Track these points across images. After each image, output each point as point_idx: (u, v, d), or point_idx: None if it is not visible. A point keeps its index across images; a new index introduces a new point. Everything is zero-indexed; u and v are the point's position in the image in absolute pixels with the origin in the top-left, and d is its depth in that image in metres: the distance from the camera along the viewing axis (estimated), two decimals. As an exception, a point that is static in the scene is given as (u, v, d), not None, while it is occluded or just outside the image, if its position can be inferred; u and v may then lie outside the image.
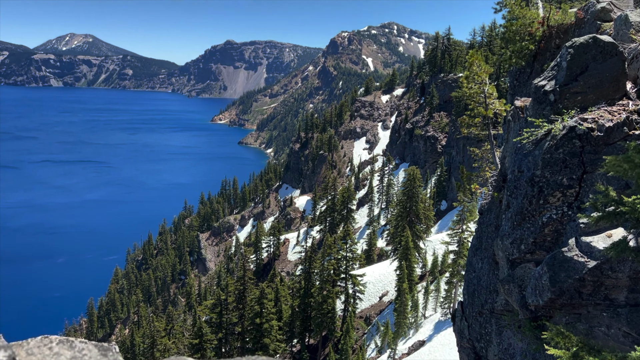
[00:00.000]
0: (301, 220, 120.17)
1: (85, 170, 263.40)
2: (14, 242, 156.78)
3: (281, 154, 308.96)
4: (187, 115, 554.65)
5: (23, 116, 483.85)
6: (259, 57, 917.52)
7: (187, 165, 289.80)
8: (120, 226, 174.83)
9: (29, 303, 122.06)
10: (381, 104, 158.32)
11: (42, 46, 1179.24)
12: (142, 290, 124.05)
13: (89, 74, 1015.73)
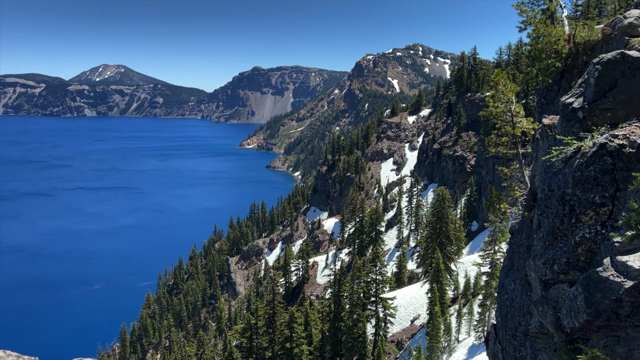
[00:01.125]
0: (329, 243, 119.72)
1: (118, 196, 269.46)
2: (51, 268, 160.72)
3: (308, 177, 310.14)
4: (216, 141, 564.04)
5: (58, 145, 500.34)
6: (286, 82, 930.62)
7: (216, 190, 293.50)
8: (152, 251, 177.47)
9: (65, 328, 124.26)
10: (408, 125, 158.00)
11: (77, 77, 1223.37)
12: (173, 315, 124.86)
13: (121, 103, 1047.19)
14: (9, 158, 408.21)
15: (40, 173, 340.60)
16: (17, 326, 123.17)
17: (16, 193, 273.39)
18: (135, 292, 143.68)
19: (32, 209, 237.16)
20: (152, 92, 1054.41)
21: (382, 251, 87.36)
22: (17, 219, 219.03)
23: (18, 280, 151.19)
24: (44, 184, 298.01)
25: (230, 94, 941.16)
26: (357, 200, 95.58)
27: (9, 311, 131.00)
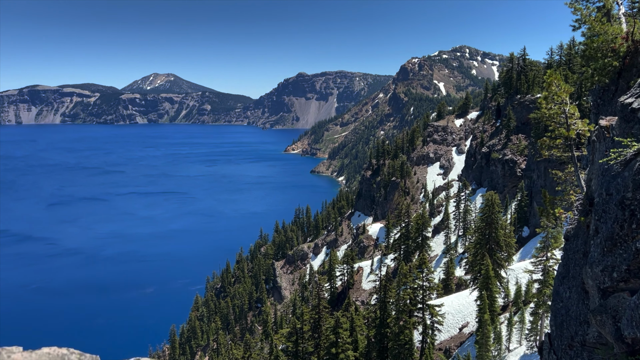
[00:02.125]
0: (374, 248, 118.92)
1: (168, 201, 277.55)
2: (106, 270, 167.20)
3: (353, 182, 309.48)
4: (262, 147, 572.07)
5: (112, 152, 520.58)
6: (330, 87, 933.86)
7: (262, 195, 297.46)
8: (200, 255, 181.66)
9: (117, 329, 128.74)
10: (455, 128, 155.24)
11: (129, 87, 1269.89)
12: (221, 318, 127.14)
13: (171, 111, 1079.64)
14: (66, 164, 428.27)
15: (95, 179, 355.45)
16: (75, 326, 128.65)
17: (73, 198, 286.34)
18: (184, 295, 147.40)
19: (87, 213, 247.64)
20: (200, 100, 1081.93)
21: (428, 257, 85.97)
22: (73, 223, 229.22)
23: (76, 281, 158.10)
24: (99, 189, 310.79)
25: (276, 100, 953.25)
26: (402, 205, 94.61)
27: (68, 312, 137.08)
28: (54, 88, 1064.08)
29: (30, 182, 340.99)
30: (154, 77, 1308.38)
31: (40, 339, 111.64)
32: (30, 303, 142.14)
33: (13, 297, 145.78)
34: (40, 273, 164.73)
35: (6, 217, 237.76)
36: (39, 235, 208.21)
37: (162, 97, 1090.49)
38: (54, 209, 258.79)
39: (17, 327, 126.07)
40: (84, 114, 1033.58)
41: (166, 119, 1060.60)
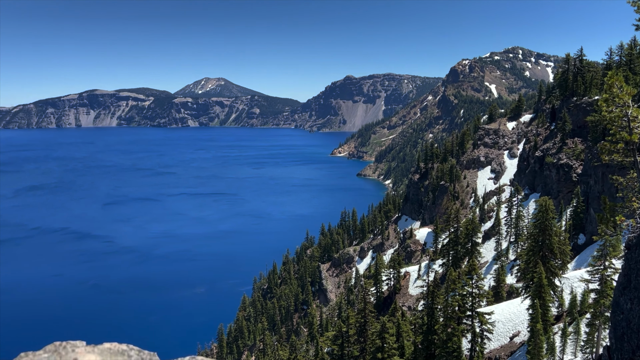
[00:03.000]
0: (422, 253, 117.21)
1: (217, 202, 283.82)
2: (158, 269, 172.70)
3: (400, 185, 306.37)
4: (309, 149, 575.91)
5: (164, 154, 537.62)
6: (377, 90, 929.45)
7: (308, 197, 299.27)
8: (248, 255, 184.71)
9: (169, 327, 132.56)
10: (507, 131, 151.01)
11: (182, 91, 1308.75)
12: (267, 319, 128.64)
13: (221, 114, 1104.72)
14: (122, 166, 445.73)
15: (148, 180, 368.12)
16: (129, 322, 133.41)
17: (127, 198, 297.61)
18: (232, 295, 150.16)
19: (140, 213, 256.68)
20: (250, 103, 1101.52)
21: (478, 263, 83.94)
22: (128, 222, 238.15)
23: (130, 279, 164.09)
24: (151, 190, 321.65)
25: (323, 103, 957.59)
26: (451, 210, 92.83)
27: (123, 308, 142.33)
28: (111, 92, 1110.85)
29: (88, 182, 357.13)
30: (205, 81, 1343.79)
31: (97, 334, 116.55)
32: (88, 299, 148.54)
33: (73, 292, 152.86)
34: (97, 270, 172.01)
35: (66, 216, 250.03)
36: (96, 233, 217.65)
37: (213, 101, 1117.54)
38: (109, 209, 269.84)
39: (76, 321, 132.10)
40: (139, 117, 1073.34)
41: (216, 122, 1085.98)
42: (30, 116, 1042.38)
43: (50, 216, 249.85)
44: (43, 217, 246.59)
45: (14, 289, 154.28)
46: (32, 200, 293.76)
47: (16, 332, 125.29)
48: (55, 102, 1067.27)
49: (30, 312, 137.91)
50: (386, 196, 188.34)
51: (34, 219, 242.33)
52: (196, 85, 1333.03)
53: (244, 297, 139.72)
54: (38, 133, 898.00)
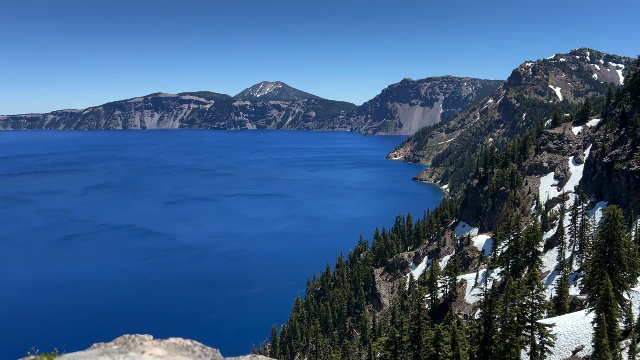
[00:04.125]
0: (480, 261, 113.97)
1: (272, 203, 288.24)
2: (215, 267, 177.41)
3: (457, 190, 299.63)
4: (364, 153, 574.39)
5: (223, 156, 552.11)
6: (435, 93, 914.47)
7: (362, 200, 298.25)
8: (302, 257, 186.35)
9: (224, 324, 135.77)
10: (572, 136, 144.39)
11: (241, 94, 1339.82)
12: (320, 321, 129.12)
13: (278, 117, 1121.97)
14: (183, 166, 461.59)
15: (207, 180, 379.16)
16: (188, 319, 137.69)
17: (187, 197, 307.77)
18: (286, 295, 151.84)
19: (200, 212, 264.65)
20: (306, 107, 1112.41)
21: (539, 273, 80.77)
22: (187, 221, 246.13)
23: (189, 276, 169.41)
24: (210, 190, 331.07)
25: (379, 107, 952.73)
26: (511, 217, 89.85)
27: (182, 305, 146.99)
28: (174, 95, 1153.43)
29: (151, 182, 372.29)
30: (264, 85, 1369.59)
31: (157, 329, 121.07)
32: (150, 294, 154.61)
33: (136, 288, 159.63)
34: (158, 266, 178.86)
35: (130, 214, 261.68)
36: (157, 231, 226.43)
37: (271, 104, 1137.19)
38: (170, 207, 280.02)
39: (138, 316, 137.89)
40: (200, 119, 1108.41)
41: (273, 125, 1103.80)
42: (99, 118, 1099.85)
43: (116, 213, 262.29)
44: (109, 214, 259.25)
45: (83, 282, 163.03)
46: (99, 198, 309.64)
47: (84, 323, 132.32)
48: (122, 105, 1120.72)
49: (96, 305, 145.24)
50: (443, 201, 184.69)
51: (101, 216, 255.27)
52: (255, 89, 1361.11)
53: (297, 298, 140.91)
54: (106, 134, 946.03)
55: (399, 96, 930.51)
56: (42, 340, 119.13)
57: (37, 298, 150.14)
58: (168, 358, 5.06)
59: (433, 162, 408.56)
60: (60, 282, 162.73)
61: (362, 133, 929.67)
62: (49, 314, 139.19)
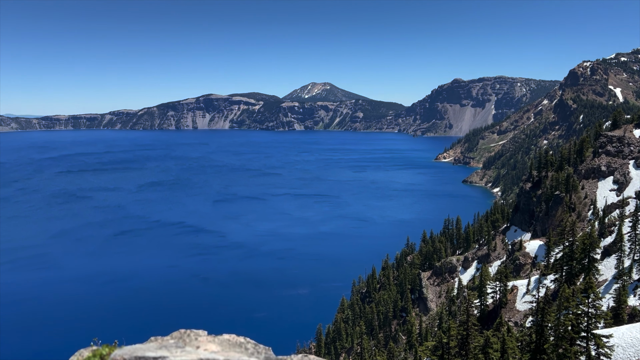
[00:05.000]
0: (532, 267, 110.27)
1: (318, 204, 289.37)
2: (263, 266, 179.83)
3: (509, 194, 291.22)
4: (412, 154, 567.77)
5: (271, 156, 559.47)
6: (487, 94, 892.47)
7: (410, 202, 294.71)
8: (347, 258, 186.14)
9: (270, 323, 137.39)
10: (633, 139, 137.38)
11: (289, 95, 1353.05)
12: (365, 323, 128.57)
13: (325, 118, 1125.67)
14: (232, 166, 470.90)
15: (255, 180, 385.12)
16: (236, 316, 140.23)
17: (236, 196, 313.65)
18: (331, 296, 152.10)
19: (248, 211, 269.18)
20: (353, 107, 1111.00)
21: (596, 281, 77.35)
22: (236, 220, 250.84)
23: (237, 274, 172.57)
24: (258, 190, 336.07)
25: (428, 107, 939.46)
26: (566, 222, 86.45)
27: (230, 302, 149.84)
28: (225, 97, 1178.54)
29: (202, 180, 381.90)
30: (312, 86, 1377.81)
31: (206, 325, 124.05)
32: (199, 291, 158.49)
33: (186, 284, 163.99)
34: (207, 263, 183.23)
35: (182, 211, 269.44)
36: (207, 228, 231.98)
37: (318, 105, 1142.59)
38: (219, 206, 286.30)
39: (187, 311, 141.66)
40: (249, 120, 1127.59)
41: (321, 126, 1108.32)
42: (154, 118, 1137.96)
43: (168, 210, 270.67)
44: (162, 211, 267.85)
45: (136, 276, 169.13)
46: (152, 195, 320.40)
47: (136, 316, 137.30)
48: (175, 106, 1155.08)
49: (148, 299, 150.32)
50: (494, 205, 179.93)
51: (154, 213, 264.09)
52: (303, 90, 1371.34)
53: (342, 299, 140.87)
54: (159, 134, 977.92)
55: (449, 97, 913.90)
56: (97, 330, 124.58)
57: (94, 290, 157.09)
58: (222, 354, 5.18)
59: (484, 164, 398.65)
60: (115, 275, 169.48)
61: (410, 134, 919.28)
62: (105, 305, 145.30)
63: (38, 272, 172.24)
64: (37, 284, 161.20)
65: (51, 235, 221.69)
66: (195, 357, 4.59)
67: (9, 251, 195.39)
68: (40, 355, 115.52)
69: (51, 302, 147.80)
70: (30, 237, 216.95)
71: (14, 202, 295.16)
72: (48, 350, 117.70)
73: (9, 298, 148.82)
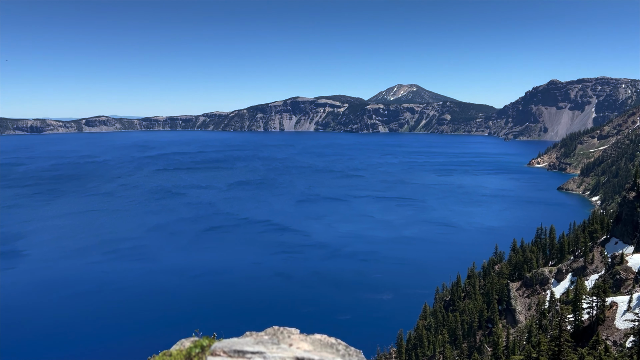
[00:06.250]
0: (634, 283, 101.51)
1: (401, 207, 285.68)
2: (345, 267, 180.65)
3: (610, 203, 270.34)
4: (503, 158, 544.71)
5: (354, 158, 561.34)
6: (587, 96, 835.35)
7: (499, 209, 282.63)
8: (431, 264, 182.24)
9: (351, 326, 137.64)
10: None
11: (374, 97, 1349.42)
12: (448, 331, 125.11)
13: (411, 120, 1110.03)
14: (316, 167, 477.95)
15: (338, 181, 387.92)
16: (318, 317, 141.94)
17: (319, 197, 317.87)
18: (412, 301, 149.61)
19: (330, 212, 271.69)
20: (441, 110, 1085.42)
21: None
22: (319, 220, 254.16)
23: (320, 274, 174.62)
24: (341, 191, 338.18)
25: (521, 110, 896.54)
26: (677, 236, 78.74)
27: (312, 303, 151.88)
28: (311, 99, 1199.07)
29: (287, 181, 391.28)
30: (398, 87, 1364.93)
31: (289, 323, 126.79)
32: (282, 289, 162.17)
33: (271, 281, 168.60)
34: (291, 261, 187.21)
35: (268, 210, 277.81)
36: (291, 227, 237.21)
37: (404, 107, 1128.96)
38: (302, 205, 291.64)
39: (273, 308, 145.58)
40: (334, 122, 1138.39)
41: (406, 129, 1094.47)
42: (243, 120, 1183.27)
43: (255, 209, 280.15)
44: (249, 209, 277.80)
45: (224, 271, 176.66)
46: (240, 193, 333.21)
47: (223, 309, 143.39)
48: (263, 108, 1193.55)
49: (234, 294, 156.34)
50: (592, 214, 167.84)
51: (242, 210, 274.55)
52: (388, 92, 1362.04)
53: (425, 305, 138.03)
54: (248, 135, 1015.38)
55: (545, 99, 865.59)
56: (188, 321, 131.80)
57: (186, 283, 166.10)
58: (315, 353, 5.34)
59: (582, 170, 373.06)
60: (204, 269, 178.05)
61: (501, 137, 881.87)
62: (195, 298, 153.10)
63: (137, 263, 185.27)
64: (136, 274, 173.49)
65: (148, 228, 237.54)
66: (291, 355, 4.78)
67: (112, 242, 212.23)
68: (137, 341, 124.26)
69: (148, 291, 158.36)
70: (130, 230, 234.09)
71: (117, 197, 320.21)
72: (144, 337, 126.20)
73: (113, 286, 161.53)
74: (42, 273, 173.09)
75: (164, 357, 5.62)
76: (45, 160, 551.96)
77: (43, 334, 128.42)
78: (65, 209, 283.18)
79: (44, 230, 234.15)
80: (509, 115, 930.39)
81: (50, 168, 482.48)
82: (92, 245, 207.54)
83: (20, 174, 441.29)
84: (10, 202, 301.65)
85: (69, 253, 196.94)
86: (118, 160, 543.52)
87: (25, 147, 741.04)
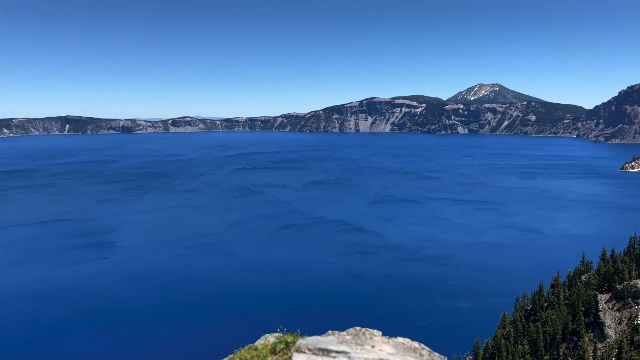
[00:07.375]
0: None
1: (480, 211, 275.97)
2: (420, 271, 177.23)
3: None
4: (593, 162, 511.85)
5: (431, 160, 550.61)
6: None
7: (588, 216, 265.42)
8: (511, 271, 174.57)
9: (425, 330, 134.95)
10: None
11: (453, 97, 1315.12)
12: (528, 342, 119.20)
13: (492, 121, 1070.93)
14: (390, 168, 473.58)
15: (413, 183, 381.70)
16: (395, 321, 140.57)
17: (393, 198, 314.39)
18: (490, 308, 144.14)
19: (405, 214, 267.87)
20: (525, 110, 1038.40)
21: None
22: (393, 222, 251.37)
23: (394, 277, 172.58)
24: (416, 193, 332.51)
25: (614, 110, 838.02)
26: None
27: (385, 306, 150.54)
28: (387, 100, 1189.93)
29: (361, 181, 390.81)
30: (479, 87, 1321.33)
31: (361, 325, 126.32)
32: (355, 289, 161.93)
33: (343, 281, 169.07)
34: (364, 263, 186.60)
35: (342, 210, 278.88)
36: (365, 228, 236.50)
37: (485, 108, 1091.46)
38: (376, 206, 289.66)
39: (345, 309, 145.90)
40: (410, 123, 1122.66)
41: (487, 129, 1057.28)
42: (319, 121, 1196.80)
43: (329, 208, 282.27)
44: (323, 209, 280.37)
45: (298, 269, 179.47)
46: (315, 193, 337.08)
47: (296, 307, 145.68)
48: (339, 109, 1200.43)
49: (307, 292, 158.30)
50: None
51: (316, 210, 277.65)
52: (469, 92, 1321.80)
53: (504, 314, 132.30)
54: (324, 136, 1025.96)
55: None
56: (264, 317, 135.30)
57: (263, 279, 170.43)
58: (399, 356, 5.29)
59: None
60: (280, 266, 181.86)
61: (591, 140, 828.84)
62: (272, 294, 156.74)
63: (216, 258, 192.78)
64: (215, 269, 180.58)
65: (227, 225, 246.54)
66: (375, 357, 4.77)
67: (195, 236, 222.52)
68: (220, 334, 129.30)
69: (228, 285, 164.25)
70: (211, 226, 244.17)
71: (200, 194, 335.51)
72: (227, 330, 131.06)
73: (195, 279, 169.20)
74: (131, 264, 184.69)
75: (250, 350, 5.81)
76: (135, 158, 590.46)
77: (131, 323, 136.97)
78: (152, 204, 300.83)
79: (133, 223, 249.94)
80: (599, 116, 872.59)
81: (139, 165, 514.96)
82: (176, 239, 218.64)
83: (113, 170, 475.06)
84: (104, 197, 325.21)
85: (155, 246, 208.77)
86: (201, 159, 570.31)
87: (117, 146, 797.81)
